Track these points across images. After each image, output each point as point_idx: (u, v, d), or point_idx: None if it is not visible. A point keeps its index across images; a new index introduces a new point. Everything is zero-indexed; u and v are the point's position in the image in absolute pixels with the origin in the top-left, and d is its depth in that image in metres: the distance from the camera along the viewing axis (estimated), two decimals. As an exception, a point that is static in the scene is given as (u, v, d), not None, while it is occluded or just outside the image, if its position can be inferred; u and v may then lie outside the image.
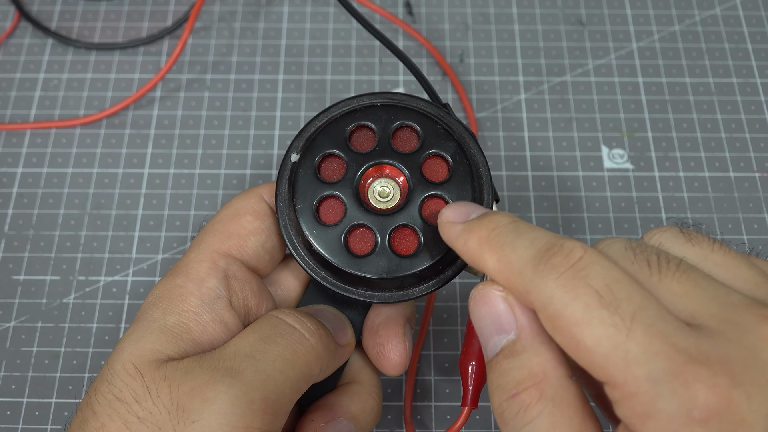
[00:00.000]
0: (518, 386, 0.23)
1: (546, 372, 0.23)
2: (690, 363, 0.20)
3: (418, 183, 0.30)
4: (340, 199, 0.30)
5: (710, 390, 0.20)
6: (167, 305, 0.29)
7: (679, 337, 0.21)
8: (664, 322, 0.21)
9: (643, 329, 0.21)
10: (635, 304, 0.21)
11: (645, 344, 0.21)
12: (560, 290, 0.22)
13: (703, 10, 0.49)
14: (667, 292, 0.22)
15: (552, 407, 0.23)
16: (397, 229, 0.30)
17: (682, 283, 0.23)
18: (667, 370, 0.20)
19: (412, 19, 0.49)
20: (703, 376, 0.20)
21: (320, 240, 0.30)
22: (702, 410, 0.20)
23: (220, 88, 0.47)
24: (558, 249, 0.23)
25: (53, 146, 0.45)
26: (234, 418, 0.26)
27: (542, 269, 0.23)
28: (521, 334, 0.24)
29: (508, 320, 0.24)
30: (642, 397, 0.21)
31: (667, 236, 0.25)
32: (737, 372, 0.20)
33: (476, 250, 0.25)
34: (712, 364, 0.20)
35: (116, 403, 0.26)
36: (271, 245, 0.32)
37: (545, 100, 0.46)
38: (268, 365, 0.27)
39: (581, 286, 0.22)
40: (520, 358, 0.24)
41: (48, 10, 0.50)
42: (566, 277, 0.22)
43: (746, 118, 0.46)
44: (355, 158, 0.31)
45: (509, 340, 0.24)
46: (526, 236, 0.24)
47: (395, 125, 0.31)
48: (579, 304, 0.22)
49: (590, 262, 0.22)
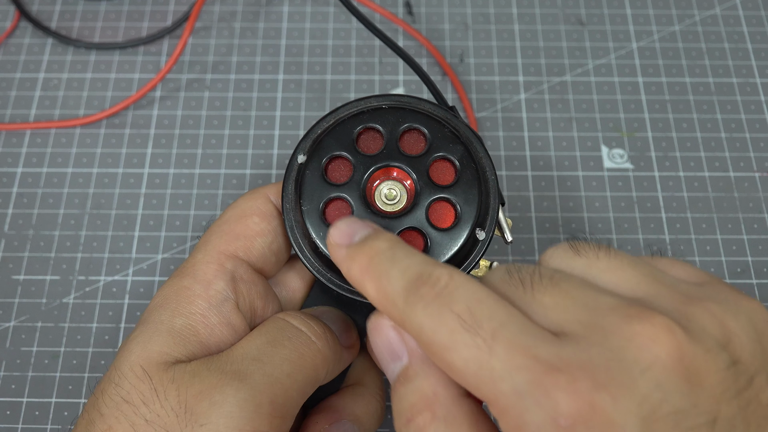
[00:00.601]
0: (412, 410, 0.24)
1: (436, 393, 0.24)
2: (550, 372, 0.21)
3: (425, 186, 0.30)
4: (347, 201, 0.30)
5: (571, 396, 0.20)
6: (174, 307, 0.29)
7: (540, 348, 0.21)
8: (525, 335, 0.22)
9: (505, 345, 0.21)
10: (497, 322, 0.22)
11: (507, 359, 0.21)
12: (427, 319, 0.23)
13: (703, 10, 0.49)
14: (539, 307, 0.23)
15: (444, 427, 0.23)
16: (403, 232, 0.30)
17: (554, 296, 0.23)
18: (529, 382, 0.21)
19: (412, 18, 0.49)
20: (563, 382, 0.20)
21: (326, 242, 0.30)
22: (566, 417, 0.20)
23: (220, 88, 0.47)
24: (426, 278, 0.23)
25: (53, 146, 0.45)
26: (242, 422, 0.26)
27: (412, 300, 0.23)
28: (411, 359, 0.24)
29: (399, 347, 0.25)
30: (512, 411, 0.21)
31: (558, 253, 0.25)
32: (599, 375, 0.20)
33: (358, 278, 0.25)
34: (573, 370, 0.21)
35: (124, 405, 0.26)
36: (277, 246, 0.32)
37: (545, 99, 0.46)
38: (276, 368, 0.27)
39: (445, 313, 0.22)
40: (412, 383, 0.24)
41: (48, 10, 0.50)
42: (432, 306, 0.23)
43: (746, 118, 0.46)
44: (362, 160, 0.31)
45: (403, 366, 0.25)
46: (400, 265, 0.24)
47: (403, 128, 0.31)
48: (444, 329, 0.22)
49: (454, 287, 0.23)
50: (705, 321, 0.22)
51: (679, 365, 0.21)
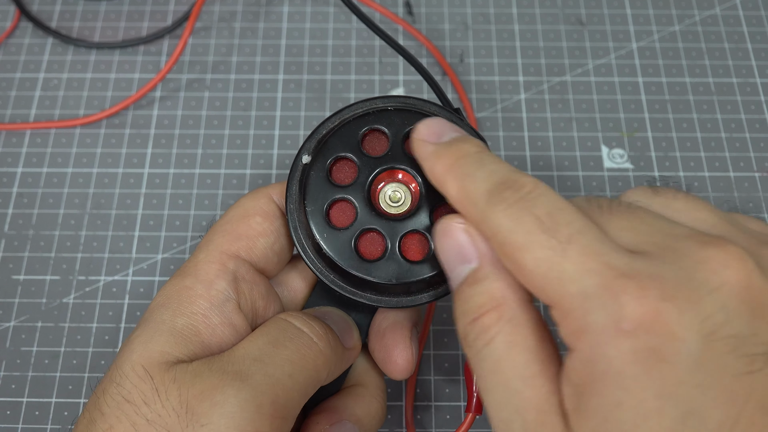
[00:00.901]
0: (479, 310, 0.24)
1: (505, 296, 0.24)
2: (620, 277, 0.21)
3: (430, 189, 0.30)
4: (351, 203, 0.30)
5: (638, 301, 0.21)
6: (176, 307, 0.29)
7: (613, 257, 0.22)
8: (600, 243, 0.22)
9: (578, 249, 0.22)
10: (574, 228, 0.22)
11: (579, 263, 0.22)
12: (507, 219, 0.23)
13: (703, 10, 0.49)
14: (615, 227, 0.23)
15: (510, 328, 0.23)
16: (407, 234, 0.30)
17: (630, 220, 0.24)
18: (598, 285, 0.21)
19: (412, 18, 0.49)
20: (631, 288, 0.21)
21: (330, 243, 0.30)
22: (629, 321, 0.20)
23: (220, 88, 0.47)
24: (511, 183, 0.24)
25: (53, 146, 0.45)
26: (243, 423, 0.26)
27: (494, 201, 0.24)
28: (482, 262, 0.25)
29: (470, 250, 0.25)
30: (576, 312, 0.21)
31: (639, 192, 0.26)
32: (668, 288, 0.21)
33: (441, 176, 0.26)
34: (642, 278, 0.21)
35: (125, 405, 0.26)
36: (280, 247, 0.32)
37: (545, 100, 0.46)
38: (277, 369, 0.27)
39: (525, 215, 0.23)
40: (481, 285, 0.24)
41: (48, 10, 0.50)
42: (514, 208, 0.23)
43: (746, 118, 0.46)
44: (367, 162, 0.31)
45: (472, 269, 0.25)
46: (487, 168, 0.25)
47: (408, 130, 0.31)
48: (521, 230, 0.23)
49: (538, 194, 0.24)
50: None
51: (745, 293, 0.21)
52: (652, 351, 0.20)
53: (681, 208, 0.25)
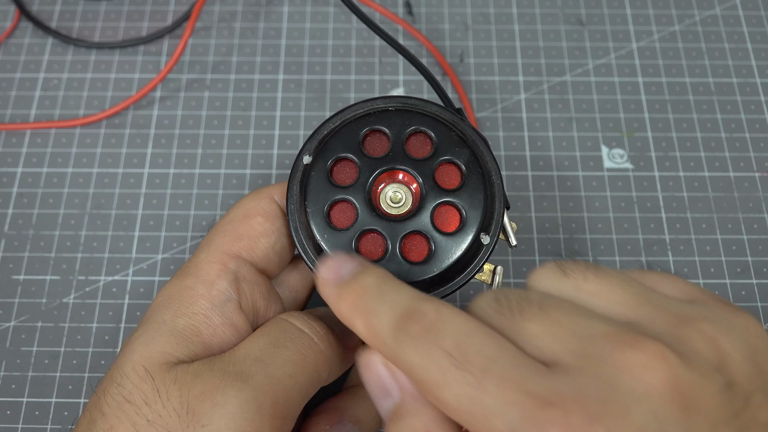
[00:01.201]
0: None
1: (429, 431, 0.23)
2: (543, 407, 0.20)
3: (431, 190, 0.30)
4: (351, 204, 0.30)
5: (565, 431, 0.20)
6: (177, 307, 0.29)
7: (532, 382, 0.21)
8: (516, 368, 0.21)
9: (496, 380, 0.21)
10: (486, 356, 0.22)
11: (499, 395, 0.21)
12: (417, 357, 0.22)
13: (703, 10, 0.49)
14: (529, 335, 0.23)
15: None
16: (408, 235, 0.30)
17: (543, 323, 0.23)
18: (523, 418, 0.20)
19: (412, 18, 0.49)
20: (556, 418, 0.20)
21: (331, 244, 0.30)
22: None
23: (220, 88, 0.47)
24: (412, 313, 0.23)
25: (53, 146, 0.45)
26: (243, 423, 0.26)
27: (400, 337, 0.23)
28: (403, 396, 0.24)
29: (390, 384, 0.24)
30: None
31: (546, 274, 0.25)
32: (593, 407, 0.20)
33: (348, 316, 0.25)
34: (566, 404, 0.20)
35: (126, 405, 0.26)
36: (281, 247, 0.32)
37: (545, 100, 0.46)
38: (278, 370, 0.27)
39: (433, 349, 0.22)
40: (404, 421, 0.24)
41: (48, 10, 0.50)
42: (421, 343, 0.22)
43: (746, 118, 0.46)
44: (368, 163, 0.31)
45: (394, 403, 0.24)
46: (388, 302, 0.24)
47: (409, 130, 0.31)
48: (434, 367, 0.22)
49: (442, 322, 0.23)
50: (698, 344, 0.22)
51: (674, 393, 0.21)
52: None
53: (593, 291, 0.24)
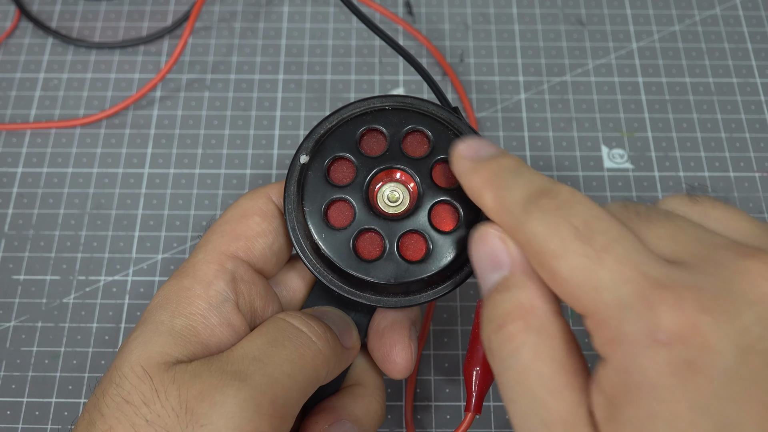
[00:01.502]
0: (506, 317, 0.24)
1: (533, 305, 0.24)
2: (657, 288, 0.21)
3: (428, 188, 0.30)
4: (349, 203, 0.30)
5: (675, 312, 0.20)
6: (175, 307, 0.29)
7: (650, 266, 0.22)
8: (637, 252, 0.22)
9: (615, 258, 0.22)
10: (610, 237, 0.22)
11: (615, 271, 0.21)
12: (542, 227, 0.23)
13: (703, 10, 0.49)
14: (653, 236, 0.23)
15: (536, 338, 0.23)
16: (405, 234, 0.30)
17: (667, 228, 0.23)
18: (634, 295, 0.21)
19: (412, 18, 0.49)
20: (669, 299, 0.21)
21: (328, 243, 0.30)
22: (665, 332, 0.20)
23: (220, 88, 0.47)
24: (547, 191, 0.24)
25: (53, 146, 0.45)
26: (242, 422, 0.26)
27: (530, 209, 0.24)
28: (513, 269, 0.25)
29: (502, 256, 0.25)
30: (610, 322, 0.21)
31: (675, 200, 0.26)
32: (706, 298, 0.21)
33: (479, 189, 0.26)
34: (680, 289, 0.21)
35: (124, 406, 0.26)
36: (278, 247, 0.32)
37: (545, 100, 0.46)
38: (276, 369, 0.27)
39: (561, 223, 0.23)
40: (509, 292, 0.24)
41: (48, 10, 0.50)
42: (549, 215, 0.23)
43: (746, 118, 0.46)
44: (365, 162, 0.31)
45: (502, 276, 0.25)
46: (523, 179, 0.25)
47: (406, 129, 0.31)
48: (557, 238, 0.23)
49: (574, 202, 0.23)
50: None
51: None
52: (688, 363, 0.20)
53: (719, 217, 0.24)
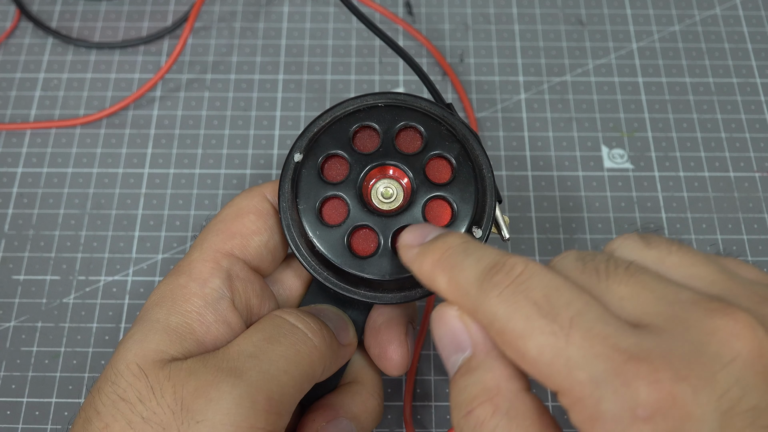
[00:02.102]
0: (473, 402, 0.23)
1: (500, 386, 0.23)
2: (630, 361, 0.20)
3: (422, 184, 0.30)
4: (343, 200, 0.30)
5: (652, 386, 0.20)
6: (171, 305, 0.29)
7: (620, 338, 0.21)
8: (604, 324, 0.21)
9: (582, 333, 0.21)
10: (574, 309, 0.22)
11: (585, 348, 0.21)
12: (502, 306, 0.22)
13: (703, 10, 0.49)
14: (615, 297, 0.23)
15: (507, 421, 0.23)
16: (400, 230, 0.30)
17: (630, 286, 0.23)
18: (608, 371, 0.20)
19: (412, 18, 0.49)
20: (643, 372, 0.20)
21: (323, 241, 0.30)
22: (645, 407, 0.20)
23: (220, 88, 0.47)
24: (501, 266, 0.23)
25: (53, 146, 0.45)
26: (238, 419, 0.26)
27: (486, 287, 0.23)
28: (475, 350, 0.24)
29: (464, 338, 0.24)
30: (587, 400, 0.21)
31: (627, 243, 0.25)
32: (680, 366, 0.20)
33: (429, 272, 0.25)
34: (653, 360, 0.20)
35: (120, 403, 0.26)
36: (274, 245, 0.32)
37: (545, 100, 0.46)
38: (272, 365, 0.27)
39: (521, 300, 0.22)
40: (474, 375, 0.24)
41: (48, 10, 0.50)
42: (507, 293, 0.23)
43: (746, 118, 0.46)
44: (358, 159, 0.31)
45: (465, 358, 0.24)
46: (474, 256, 0.24)
47: (399, 126, 0.31)
48: (520, 316, 0.22)
49: (530, 275, 0.23)
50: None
51: (759, 363, 0.21)
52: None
53: (677, 263, 0.24)
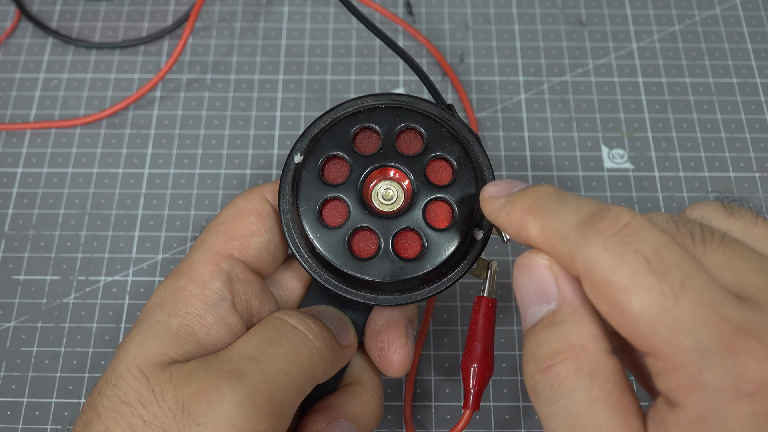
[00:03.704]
0: (554, 357, 0.22)
1: (585, 345, 0.22)
2: (740, 334, 0.20)
3: (422, 186, 0.30)
4: (343, 202, 0.30)
5: (760, 363, 0.19)
6: (171, 308, 0.29)
7: (728, 308, 0.20)
8: (712, 291, 0.21)
9: (692, 298, 0.20)
10: (684, 272, 0.21)
11: (694, 313, 0.20)
12: (607, 255, 0.21)
13: (703, 10, 0.49)
14: (712, 264, 0.22)
15: (590, 382, 0.22)
16: (400, 232, 0.30)
17: (727, 256, 0.22)
18: (715, 341, 0.20)
19: (412, 19, 0.49)
20: (753, 347, 0.20)
21: (323, 242, 0.30)
22: (751, 383, 0.19)
23: (220, 88, 0.47)
24: (605, 214, 0.22)
25: (53, 146, 0.45)
26: (239, 421, 0.26)
27: (588, 234, 0.22)
28: (563, 304, 0.23)
29: (551, 289, 0.23)
30: (688, 368, 0.20)
31: (709, 210, 0.24)
32: None
33: (519, 220, 0.24)
34: (763, 336, 0.20)
35: (121, 406, 0.26)
36: (274, 246, 0.32)
37: (545, 100, 0.46)
38: (273, 367, 0.27)
39: (629, 252, 0.21)
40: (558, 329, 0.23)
41: (48, 10, 0.50)
42: (613, 242, 0.21)
43: (746, 118, 0.46)
44: (359, 160, 0.31)
45: (549, 310, 0.23)
46: (571, 203, 0.23)
47: (399, 127, 0.31)
48: (626, 269, 0.21)
49: (639, 228, 0.22)
50: None
51: None
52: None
53: (762, 236, 0.23)
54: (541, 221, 0.24)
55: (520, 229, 0.24)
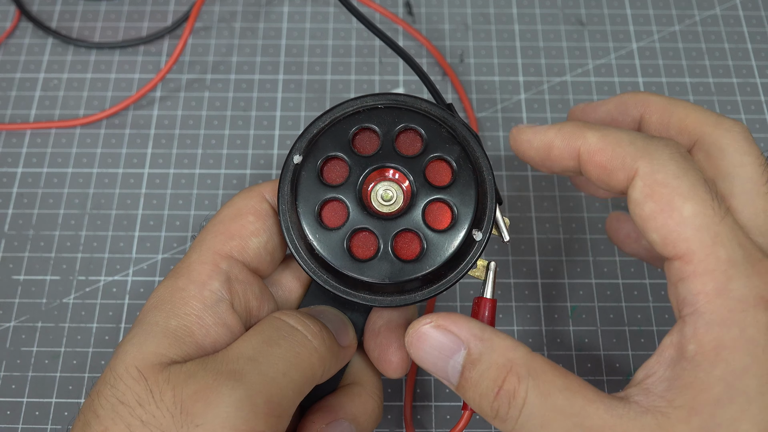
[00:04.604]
0: (497, 383, 0.25)
1: (509, 358, 0.25)
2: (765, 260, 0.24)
3: (422, 187, 0.30)
4: (342, 203, 0.30)
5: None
6: (169, 308, 0.29)
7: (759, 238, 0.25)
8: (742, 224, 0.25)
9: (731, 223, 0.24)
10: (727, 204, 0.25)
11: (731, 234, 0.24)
12: (673, 164, 0.25)
13: (703, 10, 0.49)
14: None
15: (534, 381, 0.24)
16: (399, 233, 0.30)
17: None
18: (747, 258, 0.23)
19: (412, 19, 0.49)
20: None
21: (322, 243, 0.30)
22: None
23: (220, 88, 0.47)
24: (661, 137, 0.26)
25: (53, 146, 0.45)
26: (238, 422, 0.26)
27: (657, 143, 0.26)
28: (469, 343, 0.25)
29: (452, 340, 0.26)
30: (719, 275, 0.23)
31: None
32: None
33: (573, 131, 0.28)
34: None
35: (119, 407, 0.26)
36: (273, 246, 0.32)
37: (545, 100, 0.46)
38: (271, 368, 0.27)
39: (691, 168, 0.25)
40: (482, 362, 0.25)
41: (48, 10, 0.50)
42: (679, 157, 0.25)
43: (746, 118, 0.46)
44: (358, 161, 0.30)
45: (463, 355, 0.25)
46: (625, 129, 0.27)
47: (399, 128, 0.31)
48: (688, 179, 0.25)
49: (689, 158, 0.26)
50: None
51: None
52: None
53: None
54: (600, 131, 0.27)
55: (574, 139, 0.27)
